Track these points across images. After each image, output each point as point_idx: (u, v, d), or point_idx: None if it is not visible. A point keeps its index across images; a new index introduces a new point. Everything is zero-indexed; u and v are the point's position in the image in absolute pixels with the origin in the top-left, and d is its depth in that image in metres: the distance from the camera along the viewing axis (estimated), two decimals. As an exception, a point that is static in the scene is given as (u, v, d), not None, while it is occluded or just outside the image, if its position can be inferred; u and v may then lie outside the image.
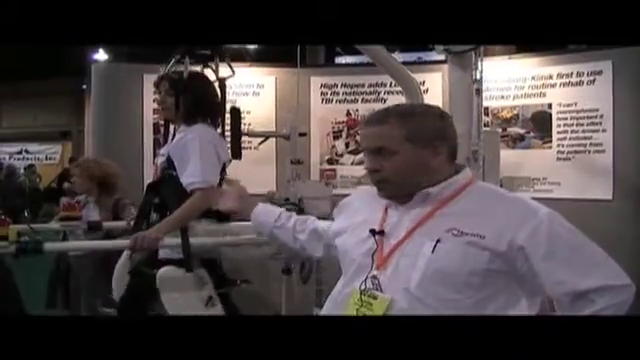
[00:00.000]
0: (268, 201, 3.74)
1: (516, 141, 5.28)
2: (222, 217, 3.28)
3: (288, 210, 3.14)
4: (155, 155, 4.64)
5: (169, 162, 3.20)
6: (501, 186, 3.75)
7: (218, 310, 3.19)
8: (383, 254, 1.85)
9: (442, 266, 1.74)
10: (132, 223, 3.41)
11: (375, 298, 1.81)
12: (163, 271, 3.12)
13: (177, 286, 3.13)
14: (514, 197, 1.86)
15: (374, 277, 1.83)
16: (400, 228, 1.85)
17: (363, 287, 1.85)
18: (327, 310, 1.98)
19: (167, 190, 3.23)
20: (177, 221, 3.07)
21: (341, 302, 1.92)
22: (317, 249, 2.34)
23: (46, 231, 4.09)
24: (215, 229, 3.25)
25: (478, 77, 3.74)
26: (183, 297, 3.15)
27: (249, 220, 2.62)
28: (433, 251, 1.75)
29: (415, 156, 1.83)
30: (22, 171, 14.41)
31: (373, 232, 1.88)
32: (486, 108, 4.80)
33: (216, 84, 3.39)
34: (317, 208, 3.29)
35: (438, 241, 1.76)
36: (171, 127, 3.41)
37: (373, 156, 1.88)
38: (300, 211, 3.20)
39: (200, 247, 3.14)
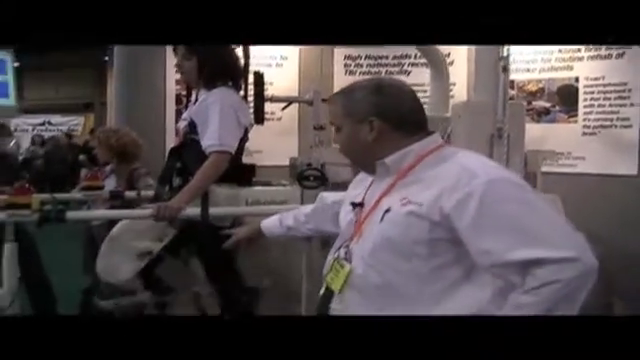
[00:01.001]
0: (291, 167, 3.73)
1: (541, 115, 5.22)
2: (242, 181, 3.28)
3: (310, 176, 3.14)
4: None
5: (191, 126, 3.20)
6: (525, 160, 3.72)
7: (138, 266, 3.17)
8: (358, 224, 1.91)
9: (388, 235, 1.78)
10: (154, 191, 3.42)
11: (342, 267, 1.89)
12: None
13: (139, 222, 3.14)
14: (460, 163, 1.78)
15: (347, 246, 1.91)
16: (372, 199, 1.90)
17: (336, 255, 1.94)
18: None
19: (189, 154, 3.23)
20: (197, 188, 3.07)
21: (325, 268, 2.01)
22: (332, 226, 2.34)
23: (69, 200, 4.12)
24: (235, 194, 3.24)
25: (505, 54, 3.67)
26: (132, 234, 3.15)
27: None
28: (381, 220, 1.80)
29: (353, 131, 1.89)
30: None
31: (353, 204, 1.96)
32: (511, 81, 4.72)
33: (239, 48, 3.36)
34: (339, 174, 3.27)
35: (387, 210, 1.80)
36: (193, 93, 3.40)
37: (334, 131, 1.99)
38: (322, 177, 3.18)
39: (220, 215, 3.14)
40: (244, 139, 3.29)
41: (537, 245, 1.61)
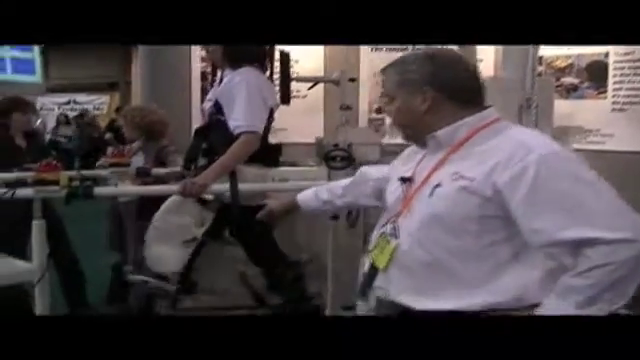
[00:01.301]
0: (317, 147, 3.72)
1: (569, 91, 5.15)
2: (270, 161, 3.29)
3: (337, 157, 3.13)
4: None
5: (216, 106, 3.20)
6: (554, 136, 3.68)
7: (185, 252, 3.20)
8: (406, 200, 1.87)
9: (437, 211, 1.74)
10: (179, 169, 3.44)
11: (388, 243, 1.85)
12: (174, 200, 3.14)
13: (179, 211, 3.12)
14: (515, 137, 1.73)
15: (394, 222, 1.86)
16: (422, 174, 1.85)
17: (382, 231, 1.90)
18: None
19: (215, 134, 3.24)
20: (224, 166, 3.08)
21: (370, 244, 1.98)
22: (368, 200, 2.33)
23: (95, 177, 4.15)
24: (262, 174, 3.25)
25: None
26: (174, 223, 3.16)
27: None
28: (430, 195, 1.76)
29: (406, 101, 1.84)
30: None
31: (402, 179, 1.90)
32: (540, 57, 4.66)
33: None
34: (366, 155, 3.26)
35: (438, 185, 1.76)
36: (218, 72, 3.39)
37: (386, 102, 1.94)
38: (349, 157, 3.17)
39: (247, 192, 3.15)
40: (270, 119, 3.29)
41: (590, 224, 1.56)
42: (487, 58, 5.33)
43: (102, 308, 4.44)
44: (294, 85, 4.37)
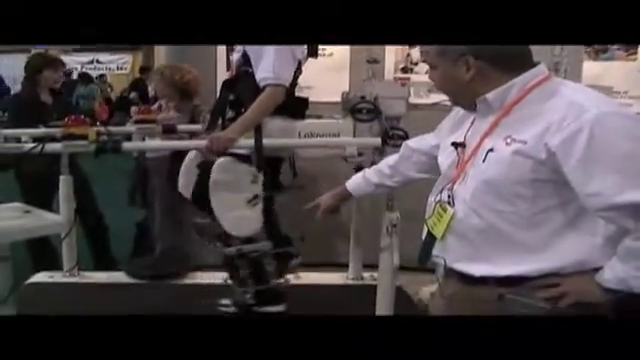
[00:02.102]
0: (343, 101, 3.71)
1: (599, 53, 5.06)
2: (296, 114, 3.29)
3: (363, 109, 3.11)
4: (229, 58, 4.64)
5: (245, 58, 3.19)
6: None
7: (257, 210, 3.21)
8: (461, 166, 1.83)
9: (490, 176, 1.71)
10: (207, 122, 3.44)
11: (445, 211, 1.82)
12: (221, 160, 3.14)
13: (229, 177, 3.15)
14: (568, 96, 1.65)
15: (450, 189, 1.83)
16: (474, 139, 1.81)
17: (438, 198, 1.87)
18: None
19: (242, 87, 3.23)
20: (251, 120, 3.08)
21: (427, 211, 1.94)
22: (416, 173, 2.31)
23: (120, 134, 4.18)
24: (289, 126, 3.25)
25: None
26: (230, 189, 3.17)
27: None
28: (484, 161, 1.73)
29: (449, 71, 1.78)
30: (94, 80, 14.70)
31: (455, 144, 1.86)
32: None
33: None
34: (392, 108, 3.24)
35: (490, 150, 1.72)
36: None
37: (429, 69, 1.89)
38: (376, 110, 3.16)
39: (273, 147, 3.16)
40: (298, 72, 3.27)
41: None
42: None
43: (125, 262, 4.50)
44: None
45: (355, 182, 2.47)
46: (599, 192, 1.55)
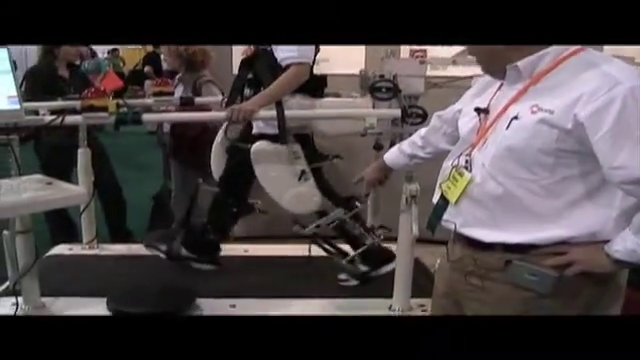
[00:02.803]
0: (361, 79, 3.71)
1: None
2: (315, 92, 3.30)
3: (382, 88, 3.11)
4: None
5: None
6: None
7: (310, 184, 3.25)
8: (482, 131, 1.81)
9: (512, 142, 1.68)
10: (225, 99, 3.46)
11: (462, 175, 1.81)
12: (257, 145, 3.18)
13: (271, 160, 3.20)
14: (601, 67, 1.61)
15: (468, 154, 1.82)
16: (499, 105, 1.78)
17: (455, 163, 1.85)
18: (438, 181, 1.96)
19: (261, 65, 3.25)
20: (272, 96, 3.09)
21: (441, 176, 1.93)
22: (447, 144, 2.24)
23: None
24: (309, 103, 3.27)
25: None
26: (276, 170, 3.22)
27: None
28: (507, 127, 1.70)
29: None
30: (105, 55, 14.65)
31: (478, 110, 1.84)
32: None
33: None
34: (411, 86, 3.23)
35: (515, 118, 1.69)
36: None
37: None
38: (395, 88, 3.15)
39: (294, 119, 3.17)
40: (317, 50, 3.28)
41: None
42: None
43: (142, 235, 4.53)
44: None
45: (392, 155, 2.48)
46: (625, 165, 1.54)
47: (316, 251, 3.57)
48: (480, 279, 1.81)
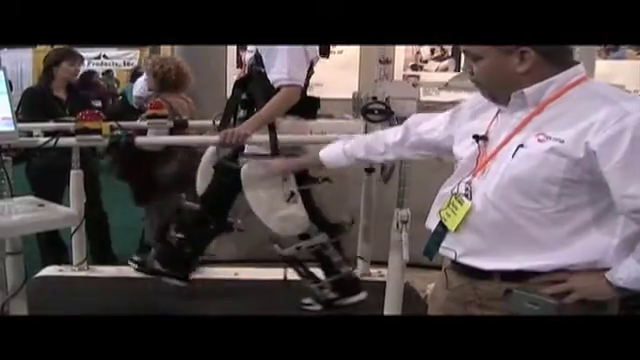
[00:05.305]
0: (354, 101, 3.73)
1: (609, 52, 5.06)
2: (308, 114, 3.31)
3: (375, 110, 3.12)
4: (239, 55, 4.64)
5: (257, 58, 3.21)
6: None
7: (299, 206, 3.25)
8: (483, 159, 1.80)
9: (518, 172, 1.68)
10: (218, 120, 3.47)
11: (461, 203, 1.79)
12: (248, 166, 3.18)
13: (260, 181, 3.18)
14: (609, 97, 1.63)
15: (468, 182, 1.81)
16: (501, 133, 1.78)
17: (455, 190, 1.83)
18: (432, 206, 1.95)
19: (255, 86, 3.27)
20: (264, 118, 3.11)
21: (438, 202, 1.91)
22: (411, 153, 2.26)
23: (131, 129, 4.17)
24: (301, 125, 3.28)
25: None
26: (266, 192, 3.21)
27: None
28: (513, 156, 1.70)
29: (499, 62, 1.71)
30: (100, 76, 14.67)
31: (476, 137, 1.83)
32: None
33: None
34: (403, 108, 3.25)
35: (521, 146, 1.69)
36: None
37: (467, 59, 1.82)
38: (387, 110, 3.17)
39: (286, 143, 3.18)
40: (310, 72, 3.30)
41: None
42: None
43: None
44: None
45: (331, 153, 2.42)
46: (637, 194, 1.56)
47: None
48: (480, 309, 1.81)
